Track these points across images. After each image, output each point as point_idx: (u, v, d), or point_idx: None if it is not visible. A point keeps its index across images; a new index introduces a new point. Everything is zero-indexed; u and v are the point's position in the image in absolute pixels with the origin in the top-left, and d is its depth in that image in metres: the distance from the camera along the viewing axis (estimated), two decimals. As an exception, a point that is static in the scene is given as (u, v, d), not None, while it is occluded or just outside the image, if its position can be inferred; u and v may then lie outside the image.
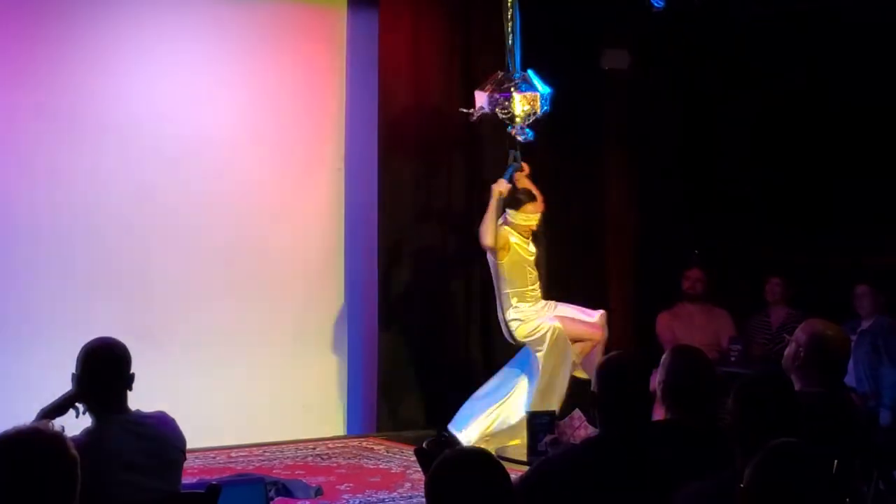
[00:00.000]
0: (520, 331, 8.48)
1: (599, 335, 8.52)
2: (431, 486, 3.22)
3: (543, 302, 8.61)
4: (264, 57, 9.10)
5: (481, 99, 8.37)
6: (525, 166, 8.61)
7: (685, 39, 9.85)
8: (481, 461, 3.25)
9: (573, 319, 8.51)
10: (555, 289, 9.79)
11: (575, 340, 8.47)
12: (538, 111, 8.30)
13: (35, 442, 3.15)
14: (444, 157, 9.51)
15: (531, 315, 8.47)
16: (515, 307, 8.48)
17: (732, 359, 9.14)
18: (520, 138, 8.33)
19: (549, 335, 8.35)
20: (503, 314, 8.55)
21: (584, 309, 8.64)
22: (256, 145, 9.06)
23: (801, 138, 9.71)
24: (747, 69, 9.83)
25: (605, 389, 4.22)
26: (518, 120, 8.25)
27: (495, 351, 9.48)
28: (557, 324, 8.39)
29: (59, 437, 3.18)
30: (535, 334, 8.42)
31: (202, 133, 8.86)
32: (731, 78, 9.90)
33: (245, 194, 9.00)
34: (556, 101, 8.86)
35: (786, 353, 5.29)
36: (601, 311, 8.60)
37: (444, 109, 9.44)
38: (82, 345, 4.56)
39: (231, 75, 9.01)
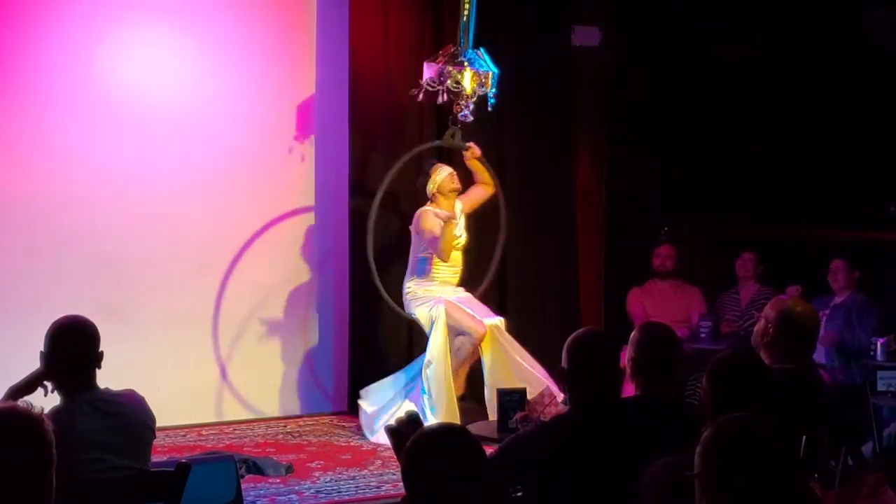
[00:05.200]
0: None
1: (480, 332, 8.25)
2: (408, 463, 3.23)
3: (453, 288, 8.52)
4: (234, 36, 9.04)
5: (430, 71, 8.20)
6: (475, 148, 8.54)
7: (655, 15, 9.84)
8: (458, 438, 3.26)
9: (460, 308, 8.35)
10: (525, 268, 9.81)
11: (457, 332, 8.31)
12: (488, 90, 8.22)
13: (11, 420, 3.13)
14: (414, 138, 9.47)
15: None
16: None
17: (702, 335, 9.18)
18: (461, 118, 8.27)
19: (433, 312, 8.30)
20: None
21: (486, 309, 8.52)
22: (226, 126, 9.01)
23: (772, 112, 9.74)
24: (717, 44, 9.84)
25: (575, 366, 4.23)
26: (468, 95, 8.16)
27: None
28: (442, 306, 8.29)
29: (36, 416, 3.15)
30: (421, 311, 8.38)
31: (172, 112, 8.80)
32: (700, 53, 9.91)
33: (215, 173, 8.95)
34: (519, 79, 8.87)
35: (755, 329, 5.33)
36: (499, 318, 8.46)
37: (415, 87, 9.43)
38: (51, 323, 4.54)
39: (199, 56, 8.95)
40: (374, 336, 9.43)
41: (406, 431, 3.56)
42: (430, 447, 3.23)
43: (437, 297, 8.34)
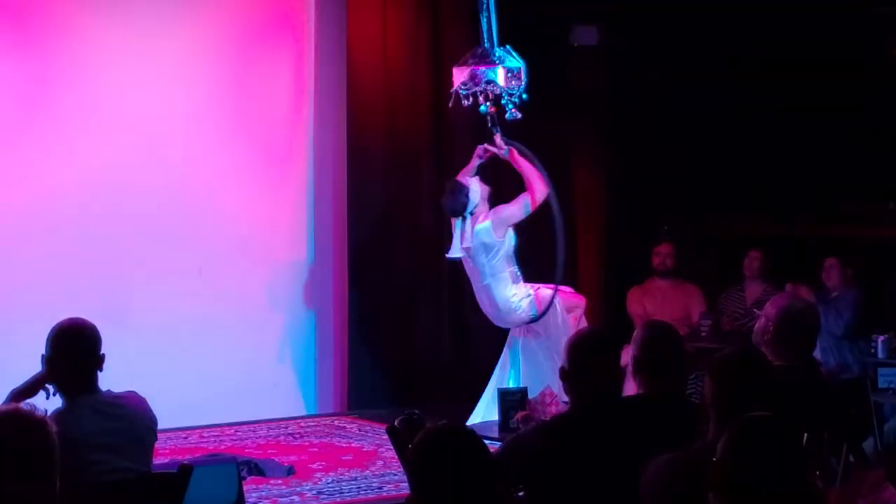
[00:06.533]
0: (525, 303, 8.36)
1: (584, 302, 8.44)
2: (414, 462, 3.24)
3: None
4: (231, 38, 9.05)
5: (461, 75, 8.19)
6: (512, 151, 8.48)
7: (654, 15, 9.84)
8: (462, 437, 3.27)
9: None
10: (525, 266, 9.81)
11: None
12: (522, 86, 8.19)
13: (15, 423, 3.13)
14: (413, 139, 9.48)
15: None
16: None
17: (703, 334, 9.17)
18: (509, 118, 8.23)
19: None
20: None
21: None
22: (225, 131, 9.02)
23: (772, 110, 9.75)
24: (717, 42, 9.85)
25: (576, 365, 4.24)
26: (503, 95, 8.13)
27: (465, 329, 9.50)
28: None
29: (40, 419, 3.15)
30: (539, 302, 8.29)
31: (172, 118, 8.81)
32: (699, 52, 9.91)
33: (215, 178, 8.96)
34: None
35: (756, 327, 5.34)
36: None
37: (414, 90, 9.43)
38: (52, 326, 4.55)
39: (197, 57, 8.95)
40: (374, 337, 9.43)
41: (407, 432, 3.57)
42: (434, 447, 3.24)
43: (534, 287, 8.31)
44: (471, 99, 8.14)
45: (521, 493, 4.19)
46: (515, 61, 8.18)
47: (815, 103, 9.51)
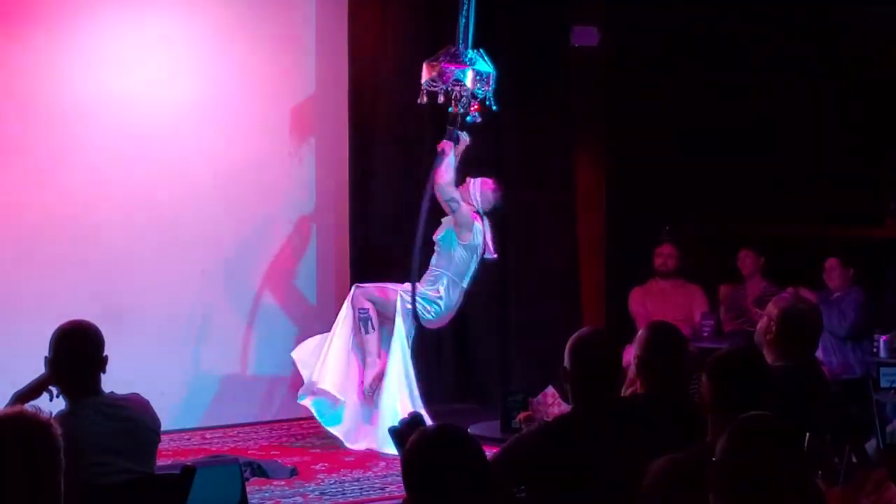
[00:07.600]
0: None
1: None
2: (408, 463, 3.24)
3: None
4: (232, 39, 9.04)
5: (431, 71, 8.11)
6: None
7: (654, 15, 9.85)
8: (457, 438, 3.27)
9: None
10: (526, 269, 9.82)
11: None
12: (489, 91, 8.15)
13: (20, 425, 3.14)
14: (415, 140, 9.48)
15: None
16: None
17: (705, 334, 9.18)
18: (470, 121, 8.20)
19: None
20: None
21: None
22: (226, 128, 9.01)
23: (772, 110, 9.76)
24: (716, 43, 9.86)
25: (577, 365, 4.24)
26: (472, 96, 8.10)
27: (466, 329, 9.50)
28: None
29: (44, 421, 3.15)
30: None
31: (172, 115, 8.80)
32: (699, 53, 9.92)
33: (216, 177, 8.95)
34: (519, 80, 8.87)
35: (758, 327, 5.35)
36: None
37: (414, 90, 9.43)
38: (54, 328, 4.56)
39: (197, 58, 8.95)
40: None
41: (408, 433, 3.57)
42: (429, 446, 3.24)
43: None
44: (441, 98, 8.13)
45: (522, 494, 4.19)
46: (486, 66, 8.15)
47: (815, 102, 9.52)
